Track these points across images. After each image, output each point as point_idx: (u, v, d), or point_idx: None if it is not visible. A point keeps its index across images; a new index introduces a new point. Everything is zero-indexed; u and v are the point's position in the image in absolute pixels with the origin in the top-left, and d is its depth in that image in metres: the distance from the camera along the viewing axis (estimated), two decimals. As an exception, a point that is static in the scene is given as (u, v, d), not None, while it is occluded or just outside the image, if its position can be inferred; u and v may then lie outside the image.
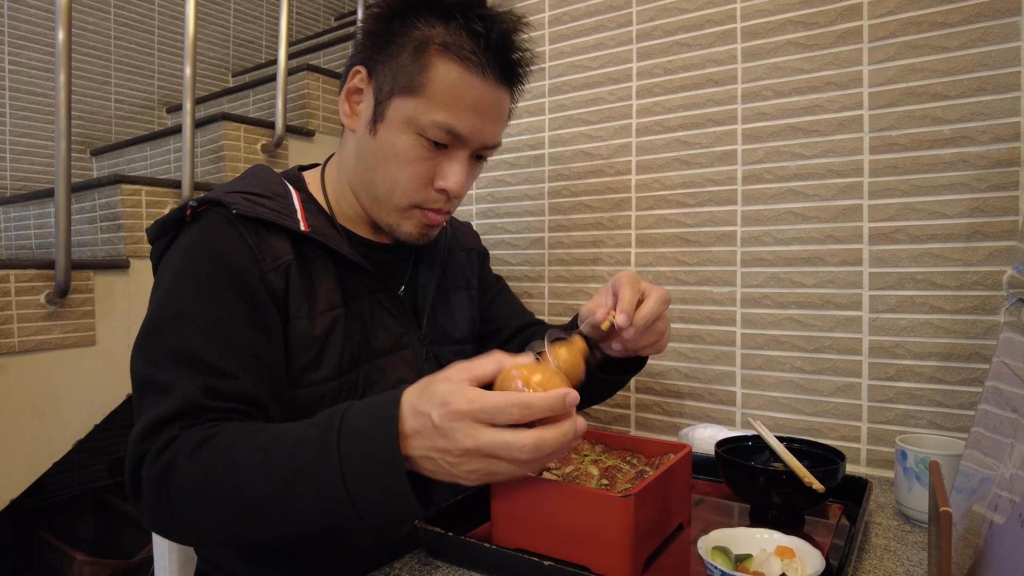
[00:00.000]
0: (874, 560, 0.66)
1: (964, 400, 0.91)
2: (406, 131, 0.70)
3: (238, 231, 0.68)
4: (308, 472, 0.53)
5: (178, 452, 0.58)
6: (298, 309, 0.70)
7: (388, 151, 0.72)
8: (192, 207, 0.69)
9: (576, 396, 0.53)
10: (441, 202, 0.75)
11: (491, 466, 0.51)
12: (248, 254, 0.67)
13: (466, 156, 0.73)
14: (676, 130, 1.13)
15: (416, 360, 0.81)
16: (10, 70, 2.11)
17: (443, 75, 0.68)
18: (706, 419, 1.11)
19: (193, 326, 0.63)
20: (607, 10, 1.20)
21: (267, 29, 2.90)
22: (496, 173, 1.35)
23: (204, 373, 0.62)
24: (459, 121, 0.70)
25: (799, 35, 1.01)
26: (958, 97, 0.90)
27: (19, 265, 1.31)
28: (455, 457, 0.51)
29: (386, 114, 0.71)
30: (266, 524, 0.56)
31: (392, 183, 0.73)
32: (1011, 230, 0.87)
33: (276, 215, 0.70)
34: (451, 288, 0.91)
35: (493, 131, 0.74)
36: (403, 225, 0.76)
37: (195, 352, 0.62)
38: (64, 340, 1.36)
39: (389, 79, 0.71)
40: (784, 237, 1.03)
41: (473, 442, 0.50)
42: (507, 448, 0.50)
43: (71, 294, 1.36)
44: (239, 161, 1.80)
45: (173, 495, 0.57)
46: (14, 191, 2.12)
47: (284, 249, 0.70)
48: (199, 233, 0.68)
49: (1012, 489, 0.44)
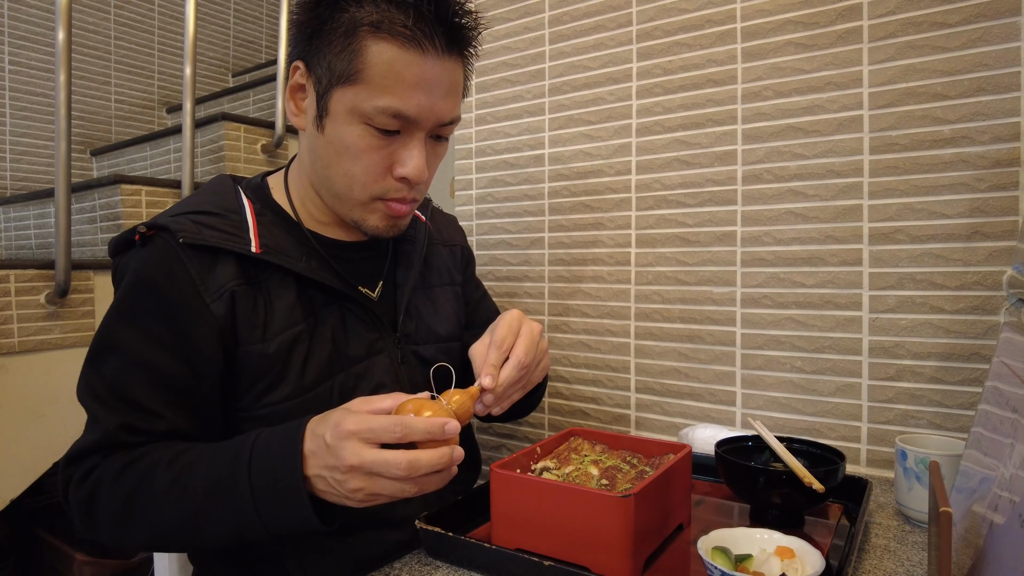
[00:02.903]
0: (874, 560, 0.66)
1: (964, 400, 0.91)
2: (352, 122, 0.67)
3: (181, 261, 0.67)
4: (220, 494, 0.60)
5: (101, 479, 0.64)
6: (249, 335, 0.69)
7: (338, 145, 0.68)
8: (140, 232, 0.69)
9: (456, 425, 0.57)
10: (404, 191, 0.71)
11: (374, 484, 0.55)
12: (190, 286, 0.67)
13: (422, 139, 0.69)
14: (676, 130, 1.13)
15: (392, 364, 0.78)
16: (10, 70, 2.11)
17: (378, 57, 0.64)
18: (706, 419, 1.11)
19: (124, 359, 0.66)
20: (607, 10, 1.20)
21: (267, 29, 2.90)
22: (496, 173, 1.35)
23: (127, 409, 0.65)
24: (404, 103, 0.65)
25: (799, 35, 1.01)
26: (958, 97, 0.90)
27: (19, 265, 1.31)
28: (342, 474, 0.55)
29: (329, 107, 0.68)
30: (185, 541, 0.64)
31: (349, 178, 0.70)
32: (1011, 230, 0.87)
33: (224, 238, 0.69)
34: (435, 284, 0.89)
35: (445, 106, 0.69)
36: (368, 220, 0.73)
37: (123, 387, 0.66)
38: (64, 340, 1.36)
39: (326, 71, 0.67)
40: (784, 237, 1.03)
41: (357, 459, 0.54)
42: (385, 465, 0.54)
43: (71, 294, 1.36)
44: (239, 161, 1.80)
45: (100, 517, 0.64)
46: (14, 191, 2.12)
47: (229, 275, 0.68)
48: (141, 262, 0.68)
49: (1012, 489, 0.44)
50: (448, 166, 1.46)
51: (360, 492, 0.56)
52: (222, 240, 0.69)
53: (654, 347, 1.16)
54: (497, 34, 1.33)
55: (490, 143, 1.35)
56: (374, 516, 0.74)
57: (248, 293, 0.69)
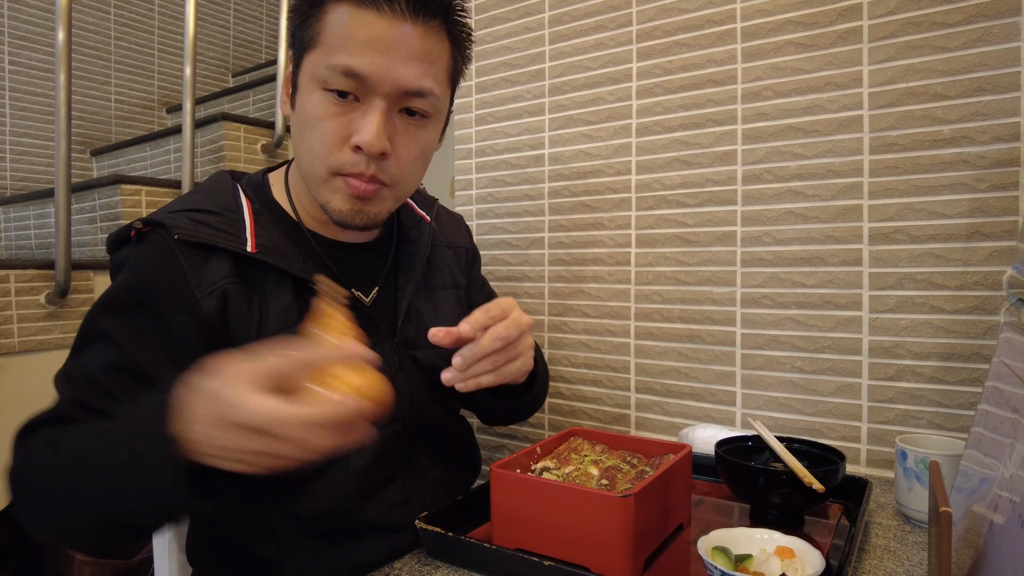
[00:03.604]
0: (874, 560, 0.66)
1: (964, 400, 0.91)
2: (312, 89, 0.67)
3: (175, 257, 0.66)
4: (119, 461, 0.54)
5: (34, 447, 0.61)
6: (243, 335, 0.68)
7: (302, 117, 0.68)
8: (137, 228, 0.68)
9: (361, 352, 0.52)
10: (361, 164, 0.67)
11: (265, 444, 0.47)
12: (183, 282, 0.66)
13: (382, 108, 0.66)
14: (676, 130, 1.13)
15: (388, 369, 0.75)
16: (10, 70, 2.11)
17: (335, 19, 0.65)
18: (706, 419, 1.11)
19: (103, 347, 0.64)
20: (607, 10, 1.20)
21: (267, 29, 2.90)
22: (496, 173, 1.35)
23: (89, 388, 0.63)
24: (355, 60, 0.64)
25: (799, 35, 1.01)
26: (958, 97, 0.90)
27: (19, 265, 1.31)
28: (231, 425, 0.47)
29: (299, 82, 0.69)
30: (98, 517, 0.57)
31: (311, 152, 0.68)
32: (1011, 230, 0.87)
33: (220, 236, 0.68)
34: (437, 287, 0.87)
35: (406, 72, 0.66)
36: (332, 201, 0.70)
37: (92, 369, 0.64)
38: (64, 340, 1.36)
39: (298, 46, 0.69)
40: (784, 237, 1.03)
41: (252, 404, 0.46)
42: (275, 415, 0.46)
43: (71, 294, 1.36)
44: (239, 161, 1.80)
45: (18, 483, 0.61)
46: (14, 191, 2.12)
47: (222, 272, 0.68)
48: (136, 257, 0.67)
49: (1012, 489, 0.44)
50: (448, 166, 1.47)
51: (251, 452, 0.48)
52: (218, 238, 0.68)
53: (654, 347, 1.16)
54: (497, 34, 1.33)
55: (490, 143, 1.35)
56: (373, 522, 0.74)
57: (243, 292, 0.69)
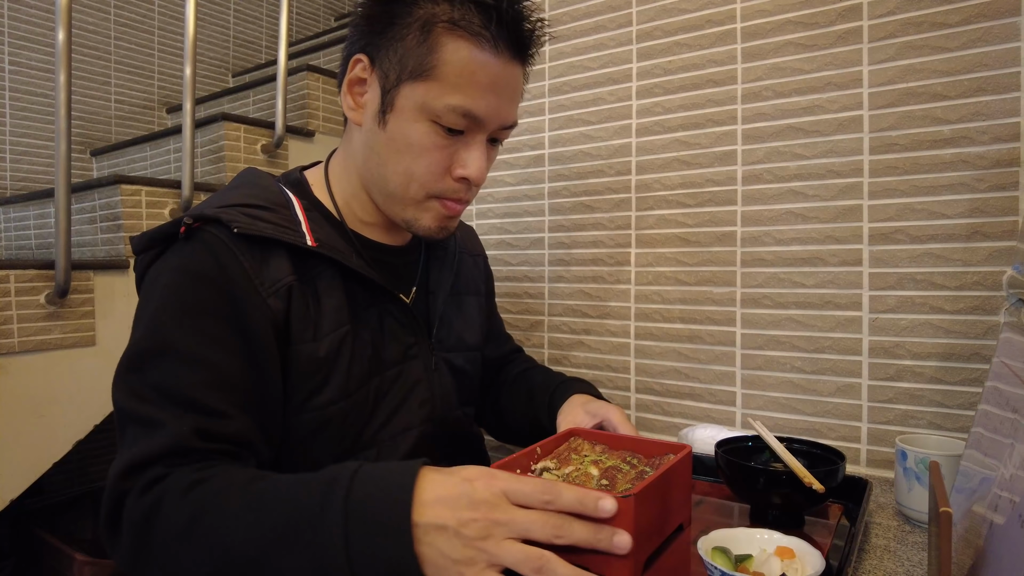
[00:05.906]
0: (874, 560, 0.66)
1: (964, 400, 0.91)
2: (419, 119, 0.66)
3: (234, 254, 0.63)
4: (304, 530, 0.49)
5: (166, 492, 0.54)
6: (302, 333, 0.66)
7: (401, 142, 0.67)
8: (187, 224, 0.64)
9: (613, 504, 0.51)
10: (461, 191, 0.70)
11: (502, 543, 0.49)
12: (245, 280, 0.63)
13: (484, 140, 0.69)
14: (676, 130, 1.13)
15: (425, 370, 0.77)
16: (10, 70, 2.11)
17: (454, 55, 0.64)
18: (706, 419, 1.11)
19: (180, 360, 0.59)
20: (607, 10, 1.20)
21: (267, 29, 2.90)
22: (496, 173, 1.35)
23: (195, 412, 0.58)
24: (475, 103, 0.65)
25: (799, 35, 1.01)
26: (958, 97, 0.90)
27: (19, 265, 1.31)
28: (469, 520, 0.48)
29: (396, 103, 0.66)
30: None
31: (407, 176, 0.68)
32: (1011, 230, 0.87)
33: (280, 231, 0.65)
34: (463, 292, 0.88)
35: (510, 110, 0.69)
36: (421, 219, 0.71)
37: (183, 389, 0.58)
38: (64, 340, 1.36)
39: (395, 65, 0.66)
40: (784, 237, 1.03)
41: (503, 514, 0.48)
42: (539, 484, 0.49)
43: (71, 294, 1.36)
44: (239, 161, 1.80)
45: (155, 537, 0.53)
46: (14, 191, 2.11)
47: (284, 269, 0.65)
48: (190, 255, 0.63)
49: (1012, 489, 0.44)
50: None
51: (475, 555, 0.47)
52: (278, 232, 0.65)
53: (654, 347, 1.16)
54: (497, 34, 1.33)
55: (490, 143, 1.35)
56: None
57: (303, 290, 0.66)
